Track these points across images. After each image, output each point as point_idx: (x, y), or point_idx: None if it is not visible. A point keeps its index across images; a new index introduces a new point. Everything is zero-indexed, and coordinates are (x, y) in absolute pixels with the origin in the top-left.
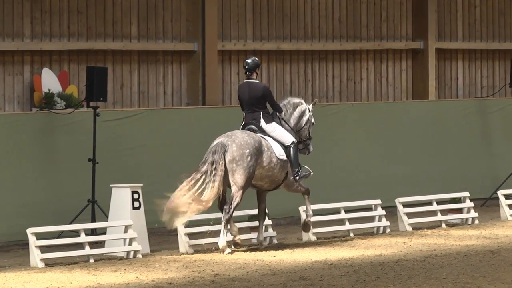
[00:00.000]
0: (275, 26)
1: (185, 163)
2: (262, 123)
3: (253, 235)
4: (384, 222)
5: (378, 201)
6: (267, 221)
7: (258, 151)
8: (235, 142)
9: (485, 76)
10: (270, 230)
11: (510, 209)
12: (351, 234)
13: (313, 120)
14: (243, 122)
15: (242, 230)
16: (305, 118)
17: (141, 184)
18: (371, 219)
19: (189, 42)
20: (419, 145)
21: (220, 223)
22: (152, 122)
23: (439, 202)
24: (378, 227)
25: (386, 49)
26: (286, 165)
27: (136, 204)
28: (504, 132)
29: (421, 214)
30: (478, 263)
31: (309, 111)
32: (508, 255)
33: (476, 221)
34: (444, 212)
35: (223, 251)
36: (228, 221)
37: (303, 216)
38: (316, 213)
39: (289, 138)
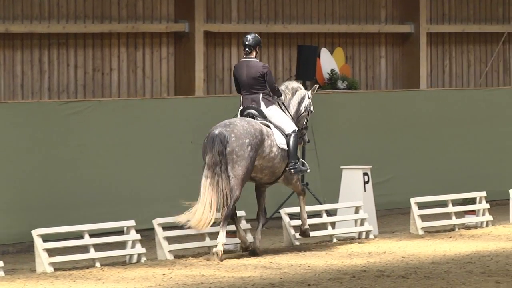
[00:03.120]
0: (2, 3)
1: None
2: (262, 106)
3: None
4: (139, 249)
5: (132, 223)
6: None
7: (258, 140)
8: (234, 131)
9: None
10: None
11: (295, 232)
12: (98, 264)
13: (311, 108)
14: (241, 106)
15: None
16: (304, 105)
17: None
18: (121, 245)
19: None
20: (183, 154)
21: None
22: None
23: None
24: (131, 255)
25: (142, 33)
26: (286, 156)
27: None
28: None
29: (185, 239)
30: None
31: (308, 98)
32: None
33: None
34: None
35: (218, 255)
36: (227, 218)
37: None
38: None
39: (290, 126)
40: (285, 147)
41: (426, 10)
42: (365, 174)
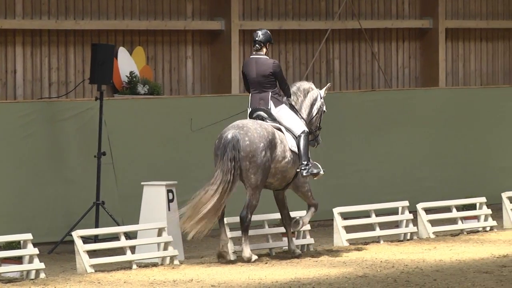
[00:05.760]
0: None
1: None
2: (272, 106)
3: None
4: None
5: None
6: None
7: (272, 145)
8: (248, 135)
9: (55, 67)
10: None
11: (90, 257)
12: None
13: (324, 108)
14: (250, 106)
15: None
16: (316, 106)
17: None
18: None
19: None
20: None
21: None
22: None
23: None
24: None
25: None
26: (297, 160)
27: None
28: (80, 147)
29: None
30: None
31: (321, 98)
32: None
33: (42, 275)
34: None
35: (250, 260)
36: (247, 229)
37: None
38: None
39: (300, 127)
40: (296, 149)
41: (239, 4)
42: (169, 191)
